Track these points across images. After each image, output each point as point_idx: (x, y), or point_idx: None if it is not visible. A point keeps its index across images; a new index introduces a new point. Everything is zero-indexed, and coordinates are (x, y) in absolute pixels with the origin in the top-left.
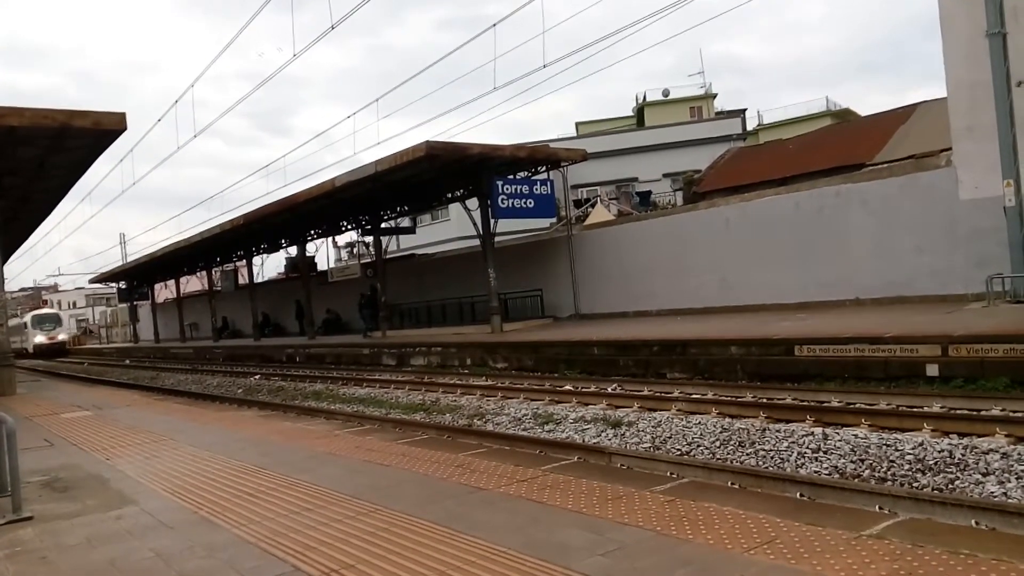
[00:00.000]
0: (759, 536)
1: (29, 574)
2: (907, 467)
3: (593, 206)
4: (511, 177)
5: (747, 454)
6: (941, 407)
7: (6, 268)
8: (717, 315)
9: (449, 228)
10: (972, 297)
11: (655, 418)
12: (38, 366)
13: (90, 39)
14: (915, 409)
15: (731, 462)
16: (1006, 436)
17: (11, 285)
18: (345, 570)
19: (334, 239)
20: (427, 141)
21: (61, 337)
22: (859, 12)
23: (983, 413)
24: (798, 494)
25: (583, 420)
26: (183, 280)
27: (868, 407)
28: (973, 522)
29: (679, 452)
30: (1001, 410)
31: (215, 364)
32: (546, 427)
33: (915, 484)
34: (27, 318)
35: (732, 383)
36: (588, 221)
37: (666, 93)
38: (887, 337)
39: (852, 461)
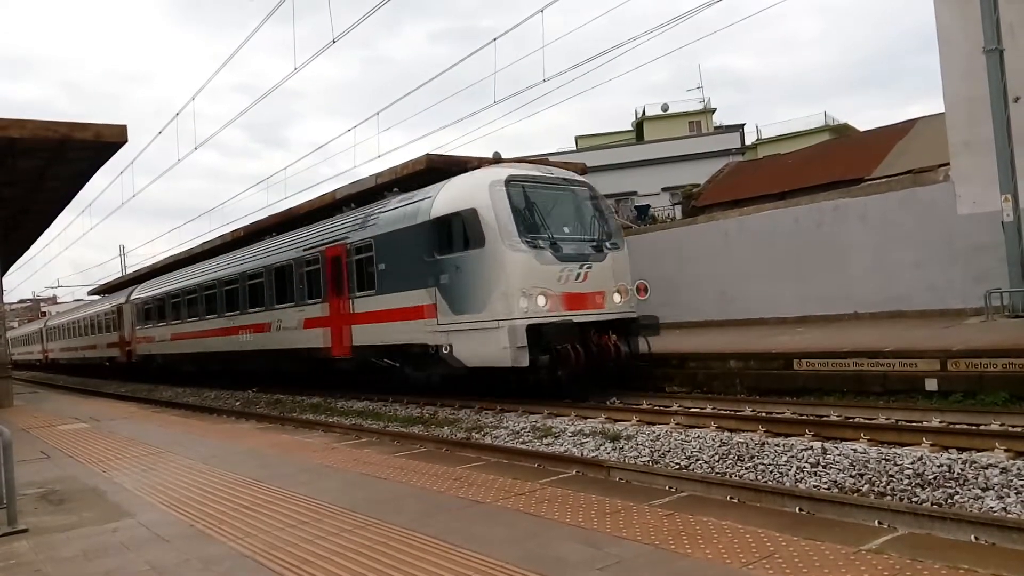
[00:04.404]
0: (758, 551)
1: None
2: (906, 482)
3: None
4: None
5: (746, 468)
6: (940, 421)
7: (4, 280)
8: (716, 328)
9: None
10: (970, 312)
11: (654, 432)
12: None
13: (82, 50)
14: (914, 423)
15: (730, 476)
16: (1005, 451)
17: (9, 297)
18: None
19: None
20: (427, 154)
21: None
22: (855, 27)
23: (982, 428)
24: (797, 509)
25: (581, 433)
26: None
27: (867, 421)
28: (972, 537)
29: (678, 466)
30: (1000, 425)
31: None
32: (544, 440)
33: (914, 499)
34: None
35: (731, 397)
36: None
37: (665, 107)
38: (886, 351)
39: (851, 475)
